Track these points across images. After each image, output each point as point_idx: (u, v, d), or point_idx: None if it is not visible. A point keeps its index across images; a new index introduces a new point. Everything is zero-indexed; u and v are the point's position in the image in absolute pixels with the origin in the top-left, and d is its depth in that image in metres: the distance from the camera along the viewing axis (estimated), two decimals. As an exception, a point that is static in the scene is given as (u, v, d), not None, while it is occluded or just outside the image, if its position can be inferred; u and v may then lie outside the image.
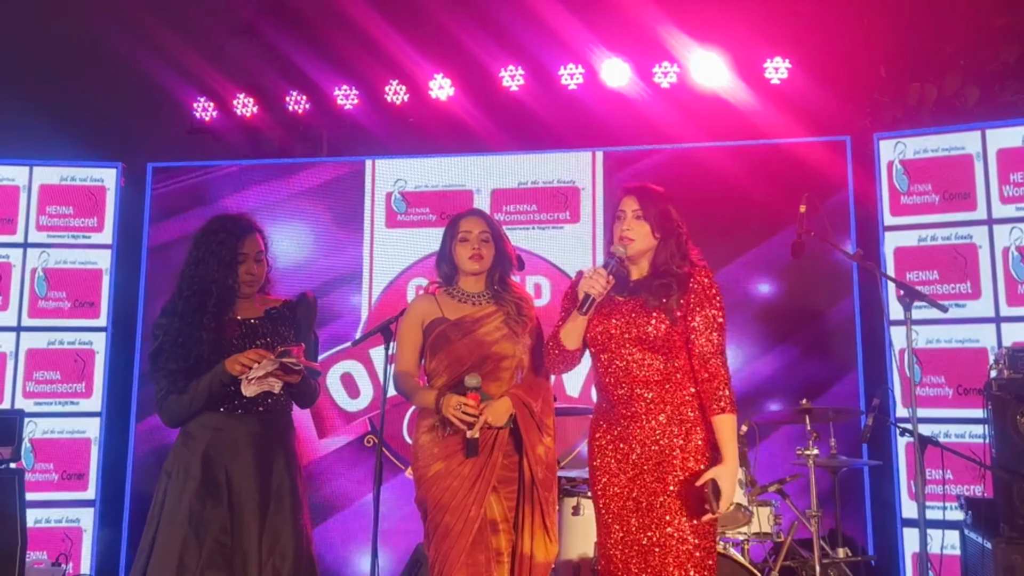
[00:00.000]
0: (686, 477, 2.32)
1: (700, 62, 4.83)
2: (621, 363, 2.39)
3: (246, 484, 2.59)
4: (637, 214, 2.45)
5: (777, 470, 3.64)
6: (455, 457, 2.64)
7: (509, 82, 5.09)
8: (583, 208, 4.90)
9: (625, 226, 2.44)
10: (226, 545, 2.53)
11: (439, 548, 2.60)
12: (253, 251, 2.73)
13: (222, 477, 2.59)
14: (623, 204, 2.48)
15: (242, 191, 5.22)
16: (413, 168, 5.10)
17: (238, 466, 2.61)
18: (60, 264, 5.07)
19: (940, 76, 4.85)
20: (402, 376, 2.81)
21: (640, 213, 2.44)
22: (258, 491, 2.59)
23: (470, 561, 2.56)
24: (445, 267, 2.86)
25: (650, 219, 2.44)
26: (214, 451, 2.61)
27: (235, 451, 2.62)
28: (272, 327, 2.75)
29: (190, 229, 5.02)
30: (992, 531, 3.27)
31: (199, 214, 5.12)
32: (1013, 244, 4.24)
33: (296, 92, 5.38)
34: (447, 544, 2.58)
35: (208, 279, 2.65)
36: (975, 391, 3.86)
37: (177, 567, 2.49)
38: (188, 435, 2.66)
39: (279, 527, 2.59)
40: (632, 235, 2.44)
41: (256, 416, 2.67)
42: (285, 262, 5.04)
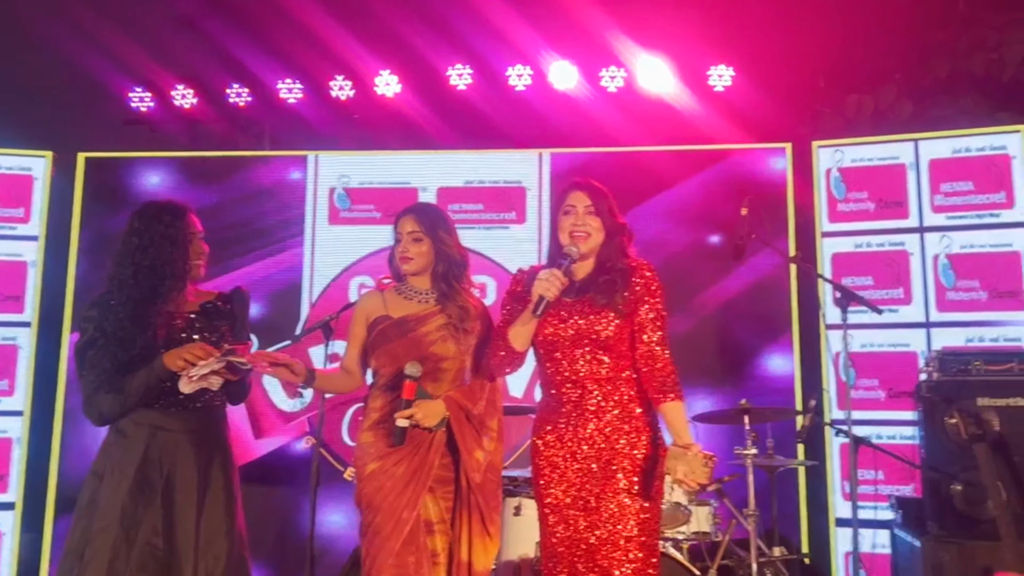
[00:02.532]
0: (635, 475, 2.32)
1: (646, 67, 4.89)
2: (572, 363, 2.38)
3: (184, 484, 2.52)
4: (589, 209, 2.43)
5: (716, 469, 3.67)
6: (390, 457, 2.60)
7: (457, 81, 5.06)
8: (529, 208, 4.89)
9: (579, 222, 2.42)
10: (157, 547, 2.45)
11: (369, 548, 2.56)
12: (198, 230, 2.67)
13: (157, 477, 2.51)
14: (572, 199, 2.46)
15: (181, 183, 5.07)
16: (357, 164, 5.02)
17: (178, 465, 2.53)
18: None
19: (876, 89, 5.01)
20: (343, 372, 2.80)
21: (592, 209, 2.43)
22: (196, 491, 2.52)
23: (398, 562, 2.52)
24: (392, 266, 2.83)
25: (602, 215, 2.44)
26: (153, 451, 2.53)
27: (175, 450, 2.54)
28: (208, 321, 2.67)
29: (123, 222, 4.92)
30: (921, 530, 3.36)
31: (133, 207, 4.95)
32: (943, 251, 4.39)
33: (238, 85, 5.26)
34: (376, 544, 2.54)
35: (160, 262, 2.55)
36: (906, 394, 3.98)
37: (108, 571, 2.40)
38: (121, 434, 2.56)
39: (214, 528, 2.52)
40: (587, 230, 2.42)
41: (193, 413, 2.60)
42: (225, 258, 4.91)
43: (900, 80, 5.00)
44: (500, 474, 2.76)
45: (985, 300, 4.30)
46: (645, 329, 2.36)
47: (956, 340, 4.22)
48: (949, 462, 3.27)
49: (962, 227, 4.37)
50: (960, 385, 3.33)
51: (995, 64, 4.78)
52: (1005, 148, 4.37)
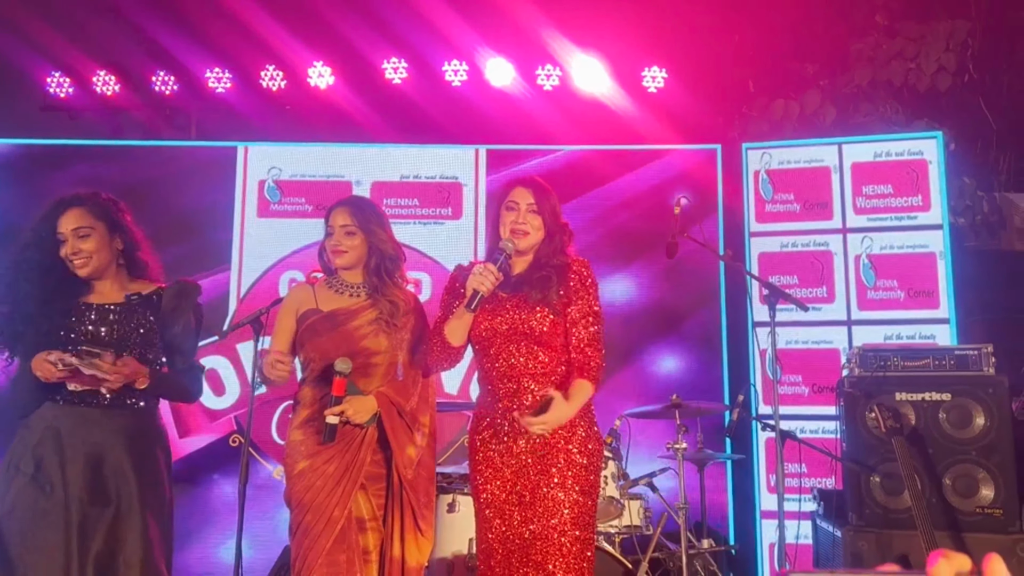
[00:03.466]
0: (570, 471, 2.33)
1: (581, 67, 4.93)
2: (508, 358, 2.38)
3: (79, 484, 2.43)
4: (532, 208, 2.43)
5: (648, 464, 3.74)
6: (320, 455, 2.56)
7: (392, 74, 5.01)
8: (465, 204, 4.87)
9: (520, 219, 2.42)
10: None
11: (299, 548, 2.52)
12: (70, 228, 2.53)
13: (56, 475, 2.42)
14: (515, 195, 2.45)
15: (103, 173, 4.87)
16: (289, 156, 4.91)
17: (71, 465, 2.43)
18: None
19: (802, 94, 5.16)
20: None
21: (535, 207, 2.43)
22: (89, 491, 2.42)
23: (329, 561, 2.49)
24: (323, 259, 2.78)
25: (544, 213, 2.43)
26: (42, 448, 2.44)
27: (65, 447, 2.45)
28: (127, 315, 2.56)
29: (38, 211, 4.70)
30: (842, 520, 3.47)
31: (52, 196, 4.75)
32: (864, 252, 4.55)
33: (163, 72, 5.09)
34: (307, 544, 2.50)
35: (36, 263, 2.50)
36: (829, 389, 4.11)
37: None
38: (25, 427, 2.50)
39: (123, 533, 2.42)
40: (527, 228, 2.42)
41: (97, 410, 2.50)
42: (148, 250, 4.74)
43: (824, 86, 5.16)
44: (432, 470, 2.74)
45: (903, 299, 4.47)
46: (577, 325, 2.38)
47: (876, 337, 4.39)
48: (868, 455, 3.38)
49: (882, 228, 4.54)
50: (879, 381, 3.44)
51: (913, 73, 4.98)
52: (922, 153, 4.55)
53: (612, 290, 4.62)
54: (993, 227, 4.88)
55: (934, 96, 5.00)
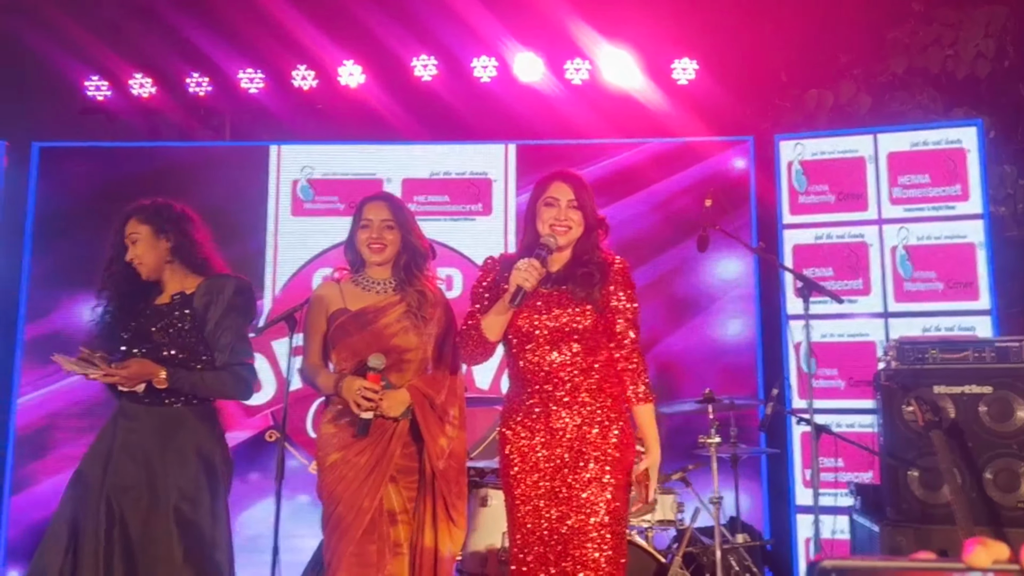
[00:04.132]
0: (606, 466, 2.33)
1: (610, 60, 4.90)
2: (545, 354, 2.36)
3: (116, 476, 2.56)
4: (572, 203, 2.40)
5: (680, 458, 3.72)
6: (352, 447, 2.58)
7: (421, 72, 5.03)
8: (495, 200, 4.88)
9: (561, 215, 2.39)
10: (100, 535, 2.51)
11: (330, 538, 2.55)
12: (126, 235, 2.71)
13: (99, 466, 2.58)
14: (554, 190, 2.42)
15: (139, 174, 4.97)
16: (321, 155, 4.96)
17: (114, 458, 2.59)
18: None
19: (836, 84, 5.08)
20: (309, 368, 2.72)
21: (575, 202, 2.41)
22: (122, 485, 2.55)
23: (359, 551, 2.50)
24: (351, 253, 2.76)
25: (584, 208, 2.41)
26: (102, 443, 2.64)
27: (115, 443, 2.62)
28: (171, 313, 2.67)
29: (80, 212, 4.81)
30: (879, 515, 3.42)
31: (91, 197, 4.86)
32: (900, 243, 4.47)
33: (198, 74, 5.16)
34: (337, 534, 2.53)
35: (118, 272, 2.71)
36: (865, 383, 4.06)
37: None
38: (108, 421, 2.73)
39: (151, 528, 2.53)
40: (569, 223, 2.39)
41: (144, 408, 2.63)
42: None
43: (859, 75, 5.07)
44: (463, 462, 2.75)
45: (941, 291, 4.39)
46: (620, 325, 2.37)
47: (913, 330, 4.31)
48: (906, 449, 3.33)
49: (919, 219, 4.46)
50: (917, 373, 3.38)
51: (951, 60, 4.87)
52: (960, 142, 4.46)
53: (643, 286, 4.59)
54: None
55: (973, 83, 4.89)
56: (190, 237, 2.74)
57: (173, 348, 2.62)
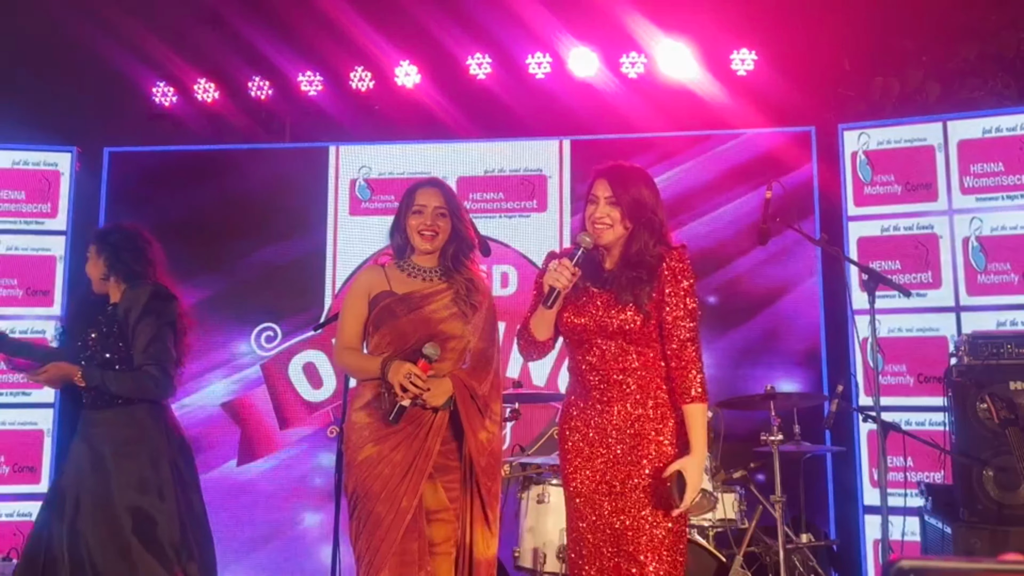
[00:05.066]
0: (661, 461, 2.29)
1: (667, 53, 4.84)
2: (597, 353, 2.33)
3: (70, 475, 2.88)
4: (610, 200, 2.33)
5: (742, 456, 3.65)
6: (387, 441, 2.48)
7: (476, 70, 5.05)
8: (550, 197, 4.87)
9: (599, 213, 2.33)
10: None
11: (370, 539, 2.45)
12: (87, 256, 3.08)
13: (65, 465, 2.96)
14: (595, 188, 2.36)
15: (203, 178, 5.11)
16: (378, 155, 5.03)
17: (70, 457, 2.93)
18: (12, 251, 4.91)
19: (902, 71, 4.91)
20: (345, 352, 2.63)
21: (613, 199, 2.33)
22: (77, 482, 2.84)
23: (402, 550, 2.43)
24: (398, 238, 2.67)
25: (623, 204, 2.32)
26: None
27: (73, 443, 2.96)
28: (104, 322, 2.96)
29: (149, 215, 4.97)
30: (951, 516, 3.31)
31: (158, 200, 5.02)
32: (973, 234, 4.31)
33: (259, 78, 5.28)
34: (379, 535, 2.43)
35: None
36: (935, 379, 3.91)
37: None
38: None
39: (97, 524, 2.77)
40: (608, 221, 2.33)
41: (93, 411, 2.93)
42: (248, 250, 4.96)
43: (927, 62, 4.90)
44: (500, 459, 2.68)
45: (1017, 283, 4.21)
46: (672, 324, 2.30)
47: (987, 324, 4.15)
48: (980, 447, 3.22)
49: (993, 209, 4.28)
50: (992, 369, 3.27)
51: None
52: (1037, 128, 4.27)
53: (706, 279, 4.52)
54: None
55: (1048, 67, 4.68)
56: (125, 255, 3.00)
57: (106, 352, 2.90)
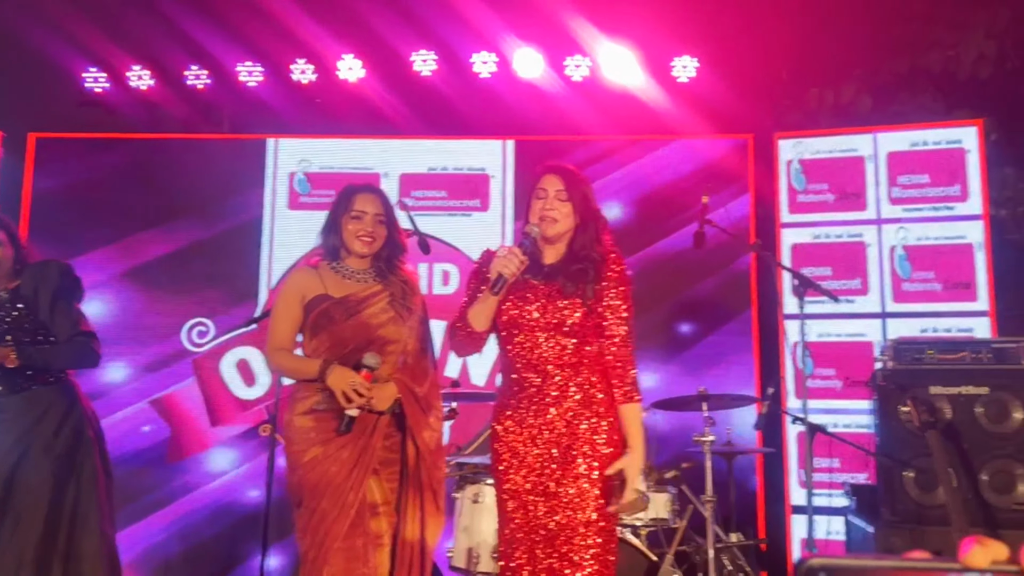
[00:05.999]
0: (596, 461, 2.31)
1: (610, 57, 4.88)
2: (535, 347, 2.34)
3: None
4: (561, 195, 2.38)
5: (674, 457, 3.70)
6: (333, 442, 2.54)
7: (421, 67, 5.01)
8: (493, 196, 4.86)
9: (548, 205, 2.37)
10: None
11: (315, 535, 2.51)
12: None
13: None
14: (544, 183, 2.41)
15: (137, 168, 4.96)
16: (318, 149, 4.95)
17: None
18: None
19: (837, 83, 5.05)
20: (278, 353, 2.65)
21: (564, 194, 2.38)
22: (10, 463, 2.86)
23: (347, 546, 2.49)
24: (333, 240, 2.70)
25: (573, 200, 2.38)
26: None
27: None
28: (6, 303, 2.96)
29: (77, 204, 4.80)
30: (874, 516, 3.41)
31: (88, 190, 4.86)
32: (899, 243, 4.45)
33: (196, 67, 5.14)
34: (323, 530, 2.50)
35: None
36: (862, 383, 4.03)
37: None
38: None
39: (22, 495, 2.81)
40: (555, 215, 2.37)
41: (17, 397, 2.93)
42: (181, 243, 4.83)
43: (860, 75, 5.05)
44: (443, 450, 2.79)
45: (940, 291, 4.37)
46: (611, 323, 2.35)
47: (911, 330, 4.29)
48: (902, 449, 3.32)
49: (918, 219, 4.44)
50: (914, 374, 3.37)
51: (952, 61, 4.85)
52: (961, 142, 4.44)
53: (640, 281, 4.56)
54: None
55: (975, 85, 4.86)
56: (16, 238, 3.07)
57: (13, 333, 2.93)
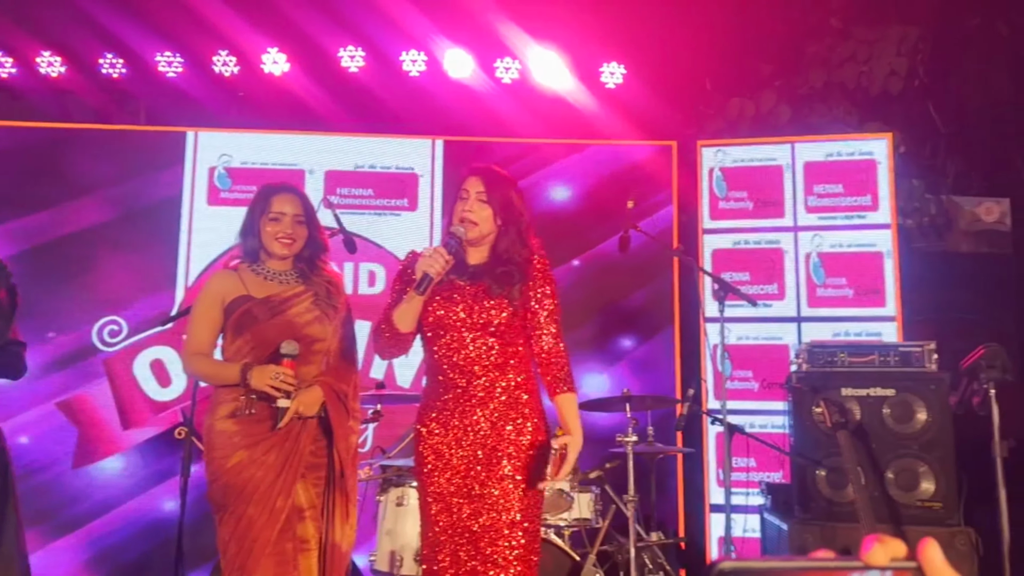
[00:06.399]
0: (521, 461, 2.31)
1: (540, 61, 4.91)
2: (461, 347, 2.33)
3: None
4: (481, 197, 2.38)
5: (597, 456, 3.74)
6: (259, 446, 2.50)
7: (348, 63, 4.93)
8: (421, 196, 4.83)
9: (468, 207, 2.37)
10: None
11: (242, 541, 2.45)
12: None
13: None
14: (467, 184, 2.41)
15: (47, 158, 4.73)
16: (241, 143, 4.81)
17: None
18: None
19: (757, 94, 5.21)
20: (196, 357, 2.60)
21: (484, 196, 2.38)
22: None
23: (276, 551, 2.45)
24: (251, 242, 2.66)
25: (494, 203, 2.38)
26: None
27: None
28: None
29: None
30: (788, 514, 3.51)
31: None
32: (814, 250, 4.62)
33: (111, 55, 4.94)
34: (251, 537, 2.45)
35: None
36: (778, 385, 4.16)
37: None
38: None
39: None
40: (475, 217, 2.36)
41: None
42: (93, 238, 4.63)
43: (779, 87, 5.22)
44: (358, 456, 2.79)
45: (851, 297, 4.55)
46: (541, 321, 2.36)
47: (825, 334, 4.45)
48: (814, 449, 3.43)
49: (832, 227, 4.61)
50: (827, 376, 3.49)
51: (865, 76, 5.06)
52: (872, 154, 4.63)
53: (566, 284, 4.62)
54: (940, 229, 4.99)
55: (885, 99, 5.08)
56: None
57: None
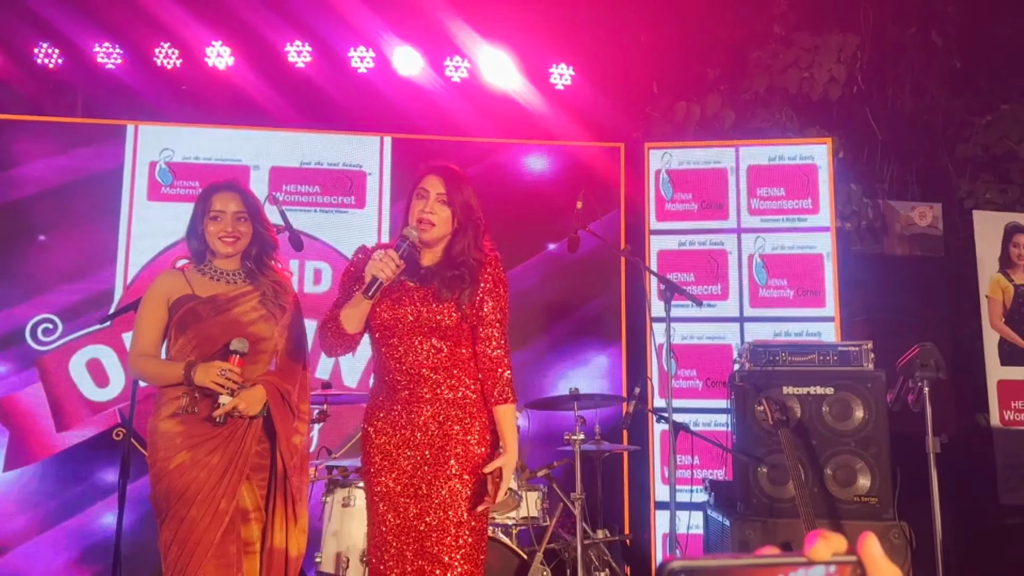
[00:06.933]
0: (468, 461, 2.31)
1: (489, 60, 4.91)
2: (409, 349, 2.32)
3: None
4: (442, 198, 2.34)
5: (545, 454, 3.76)
6: (202, 447, 2.46)
7: (295, 58, 4.86)
8: (369, 193, 4.78)
9: (428, 208, 2.33)
10: None
11: (184, 544, 2.41)
12: None
13: None
14: (427, 183, 2.36)
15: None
16: (183, 137, 4.70)
17: None
18: None
19: (703, 98, 5.29)
20: (141, 358, 2.57)
21: (445, 197, 2.34)
22: None
23: (219, 553, 2.41)
24: (196, 243, 2.65)
25: (454, 205, 2.35)
26: None
27: None
28: None
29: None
30: (730, 510, 3.58)
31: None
32: (757, 252, 4.72)
33: (47, 44, 4.78)
34: (193, 539, 2.40)
35: None
36: (721, 383, 4.24)
37: None
38: None
39: None
40: (434, 219, 2.33)
41: None
42: (26, 234, 4.48)
43: (724, 91, 5.31)
44: (308, 458, 2.76)
45: (792, 298, 4.66)
46: (487, 325, 2.35)
47: (766, 334, 4.55)
48: (756, 446, 3.50)
49: (774, 229, 4.72)
50: (768, 375, 3.57)
51: (806, 82, 5.18)
52: (813, 158, 4.76)
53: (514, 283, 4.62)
54: (876, 232, 5.14)
55: (825, 105, 5.22)
56: None
57: None
